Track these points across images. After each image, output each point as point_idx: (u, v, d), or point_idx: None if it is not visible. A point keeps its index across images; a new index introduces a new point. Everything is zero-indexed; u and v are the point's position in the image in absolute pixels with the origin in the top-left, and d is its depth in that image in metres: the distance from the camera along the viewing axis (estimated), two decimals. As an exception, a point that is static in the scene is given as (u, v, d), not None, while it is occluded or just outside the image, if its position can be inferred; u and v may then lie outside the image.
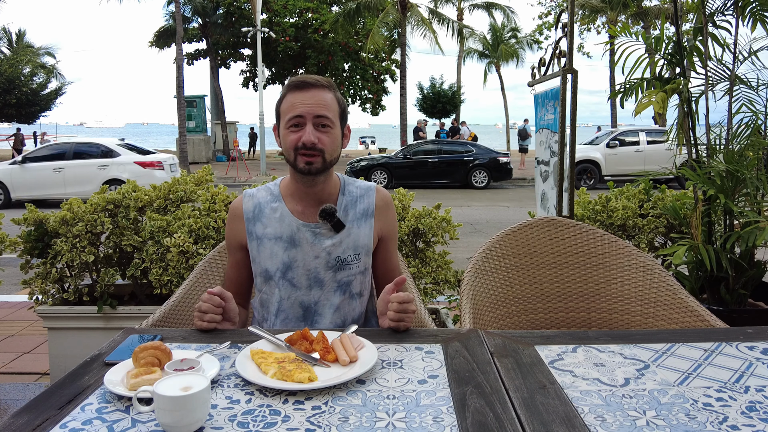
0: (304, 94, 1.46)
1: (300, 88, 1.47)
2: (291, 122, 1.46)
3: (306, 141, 1.44)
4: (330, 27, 20.82)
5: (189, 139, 20.17)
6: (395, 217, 1.67)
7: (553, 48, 3.14)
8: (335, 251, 1.53)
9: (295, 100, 1.46)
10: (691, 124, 2.86)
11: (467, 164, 14.63)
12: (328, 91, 1.50)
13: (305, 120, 1.45)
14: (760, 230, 2.49)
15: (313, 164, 1.46)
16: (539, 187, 3.46)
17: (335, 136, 1.50)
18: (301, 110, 1.45)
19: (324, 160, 1.48)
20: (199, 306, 1.37)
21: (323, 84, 1.49)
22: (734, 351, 1.25)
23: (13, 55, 24.65)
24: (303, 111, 1.45)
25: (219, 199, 2.92)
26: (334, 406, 1.02)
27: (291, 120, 1.46)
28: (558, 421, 0.97)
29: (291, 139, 1.46)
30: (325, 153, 1.47)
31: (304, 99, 1.46)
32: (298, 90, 1.47)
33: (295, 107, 1.46)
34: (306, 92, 1.46)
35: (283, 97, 1.50)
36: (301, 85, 1.48)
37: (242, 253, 1.60)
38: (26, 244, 2.76)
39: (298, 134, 1.46)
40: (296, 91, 1.47)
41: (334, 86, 1.54)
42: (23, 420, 0.97)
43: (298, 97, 1.46)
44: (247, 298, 1.68)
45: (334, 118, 1.49)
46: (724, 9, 2.86)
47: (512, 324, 1.88)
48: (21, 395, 2.84)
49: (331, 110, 1.48)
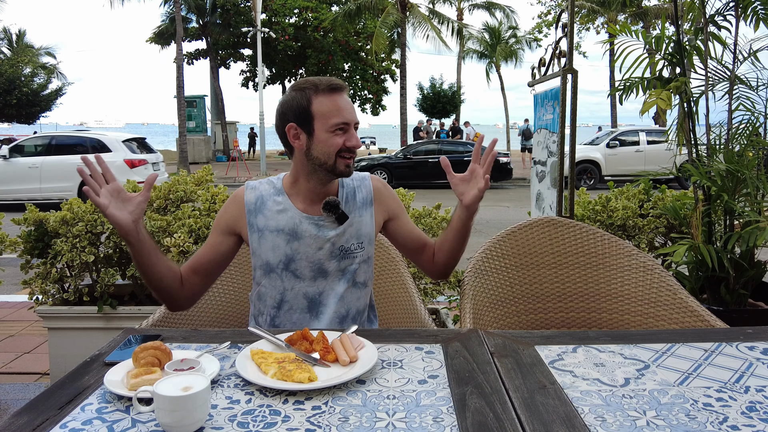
0: (341, 98, 1.49)
1: (336, 90, 1.49)
2: (338, 126, 1.47)
3: (355, 145, 1.50)
4: (329, 25, 20.82)
5: (189, 139, 20.17)
6: (395, 195, 1.70)
7: (553, 48, 3.14)
8: (339, 241, 1.55)
9: (339, 104, 1.48)
10: (691, 124, 2.86)
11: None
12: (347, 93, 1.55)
13: (349, 126, 1.49)
14: (760, 230, 2.49)
15: (350, 166, 1.51)
16: (535, 187, 3.46)
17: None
18: (348, 117, 1.48)
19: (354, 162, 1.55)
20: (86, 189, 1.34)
21: (346, 88, 1.53)
22: (734, 351, 1.25)
23: (13, 56, 24.66)
24: (349, 117, 1.49)
25: (219, 199, 2.92)
26: (334, 406, 1.02)
27: (338, 125, 1.47)
28: (558, 421, 0.97)
29: (336, 142, 1.48)
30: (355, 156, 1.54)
31: (345, 104, 1.49)
32: (334, 93, 1.49)
33: (341, 112, 1.48)
34: (341, 96, 1.50)
35: (313, 98, 1.48)
36: (336, 87, 1.49)
37: (224, 238, 1.58)
38: (26, 244, 2.76)
39: (343, 137, 1.48)
40: (333, 94, 1.49)
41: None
42: (23, 420, 0.97)
43: (340, 101, 1.49)
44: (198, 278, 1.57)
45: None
46: (724, 9, 2.86)
47: (512, 324, 1.88)
48: (21, 395, 2.84)
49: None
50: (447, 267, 1.67)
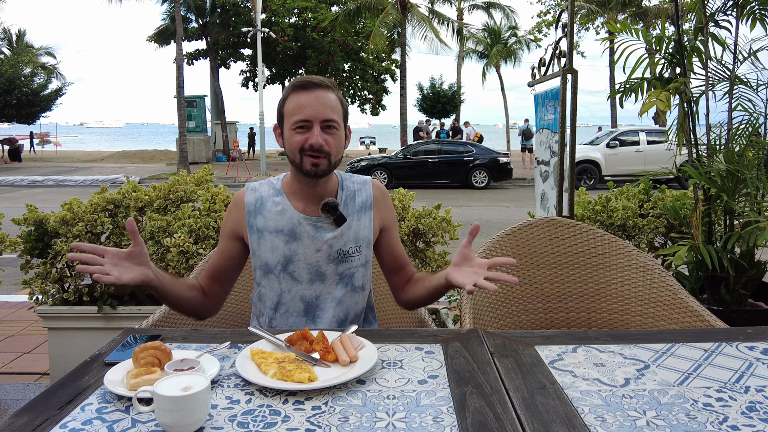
0: (309, 95, 1.45)
1: (305, 88, 1.46)
2: (297, 124, 1.44)
3: (314, 143, 1.43)
4: (329, 25, 20.81)
5: (189, 139, 20.15)
6: (393, 207, 1.68)
7: (553, 48, 3.14)
8: (336, 244, 1.53)
9: (301, 101, 1.45)
10: (691, 124, 2.86)
11: (467, 164, 14.63)
12: (332, 91, 1.49)
13: (312, 123, 1.44)
14: (760, 230, 2.49)
15: (319, 166, 1.46)
16: (539, 187, 3.46)
17: (340, 138, 1.50)
18: (309, 113, 1.44)
19: (329, 162, 1.47)
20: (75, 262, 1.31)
21: (327, 84, 1.48)
22: (734, 351, 1.25)
23: (13, 56, 24.68)
24: (310, 114, 1.44)
25: (219, 199, 2.92)
26: (334, 406, 1.02)
27: (298, 122, 1.44)
28: (558, 421, 0.97)
29: (297, 141, 1.45)
30: (331, 155, 1.47)
31: (310, 101, 1.44)
32: (303, 90, 1.46)
33: (302, 109, 1.44)
34: (311, 93, 1.45)
35: (287, 98, 1.49)
36: (306, 85, 1.46)
37: (232, 243, 1.59)
38: (26, 244, 2.76)
39: (304, 136, 1.44)
40: (301, 92, 1.46)
41: (336, 87, 1.53)
42: (23, 420, 0.97)
43: (304, 98, 1.45)
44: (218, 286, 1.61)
45: (339, 120, 1.48)
46: (724, 9, 2.86)
47: (512, 324, 1.88)
48: (21, 395, 2.84)
49: (336, 112, 1.47)
50: (411, 304, 1.66)
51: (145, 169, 19.71)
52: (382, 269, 1.69)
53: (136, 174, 16.85)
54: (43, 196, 12.36)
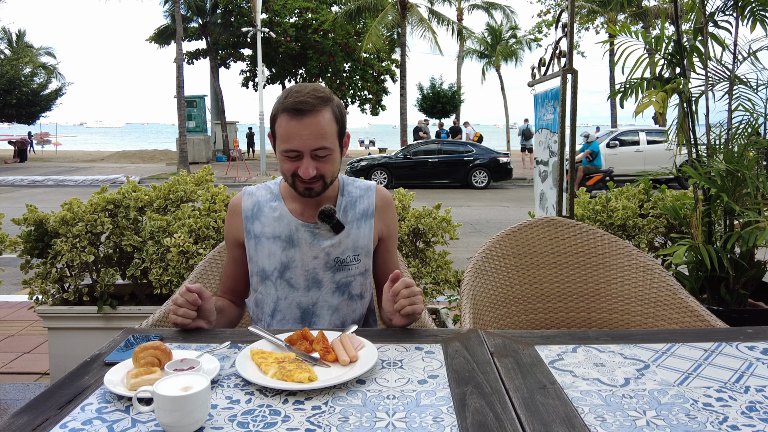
0: (299, 124, 1.36)
1: (296, 115, 1.37)
2: (287, 153, 1.40)
3: (303, 175, 1.39)
4: (330, 27, 20.82)
5: (189, 139, 20.16)
6: (396, 217, 1.64)
7: (553, 48, 3.14)
8: (334, 252, 1.51)
9: (292, 130, 1.37)
10: (691, 124, 2.86)
11: (467, 164, 14.63)
12: (325, 110, 1.39)
13: (302, 154, 1.39)
14: (760, 230, 2.49)
15: (313, 189, 1.44)
16: (538, 187, 3.46)
17: (335, 159, 1.44)
18: (298, 144, 1.37)
19: (324, 183, 1.44)
20: (175, 299, 1.34)
21: (320, 105, 1.38)
22: (734, 351, 1.25)
23: (13, 56, 24.68)
24: (299, 145, 1.37)
25: (219, 199, 2.92)
26: (334, 406, 1.02)
27: (288, 151, 1.39)
28: (558, 421, 0.97)
29: (287, 167, 1.42)
30: (325, 177, 1.43)
31: (300, 131, 1.36)
32: (294, 117, 1.37)
33: (292, 139, 1.37)
34: (301, 121, 1.36)
35: (278, 116, 1.41)
36: (297, 112, 1.36)
37: (239, 250, 1.60)
38: (26, 244, 2.76)
39: (295, 164, 1.40)
40: (293, 119, 1.37)
41: (330, 97, 1.43)
42: (23, 420, 0.97)
43: (295, 127, 1.37)
44: (242, 296, 1.67)
45: (332, 143, 1.41)
46: (724, 9, 2.86)
47: (512, 324, 1.88)
48: (21, 395, 2.84)
49: (329, 137, 1.40)
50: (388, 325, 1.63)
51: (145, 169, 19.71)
52: (374, 278, 1.64)
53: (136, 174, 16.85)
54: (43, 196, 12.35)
